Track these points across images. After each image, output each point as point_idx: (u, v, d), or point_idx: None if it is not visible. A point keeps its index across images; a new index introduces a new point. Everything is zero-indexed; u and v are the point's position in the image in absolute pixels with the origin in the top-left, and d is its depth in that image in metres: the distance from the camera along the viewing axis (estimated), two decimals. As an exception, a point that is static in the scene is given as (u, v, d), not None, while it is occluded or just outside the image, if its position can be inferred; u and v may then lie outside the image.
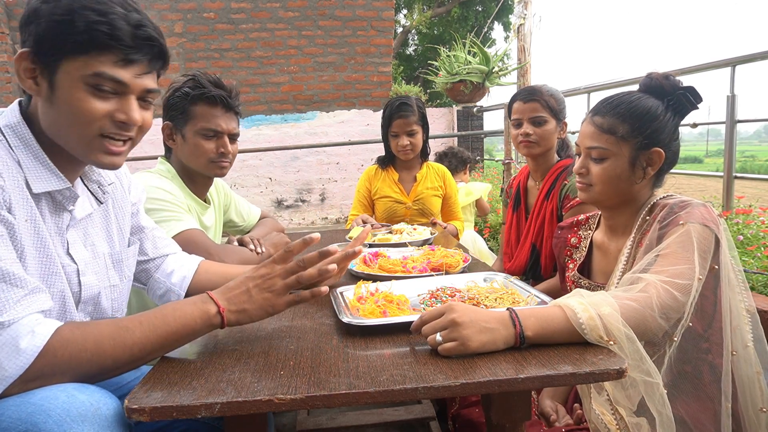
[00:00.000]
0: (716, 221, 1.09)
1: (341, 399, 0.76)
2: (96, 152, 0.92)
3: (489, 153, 11.55)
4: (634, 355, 0.91)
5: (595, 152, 1.22)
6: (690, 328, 1.07)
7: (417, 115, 2.37)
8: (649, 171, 1.21)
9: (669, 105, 1.20)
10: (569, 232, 1.45)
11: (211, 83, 1.59)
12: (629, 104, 1.20)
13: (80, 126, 0.88)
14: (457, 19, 13.19)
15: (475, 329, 0.86)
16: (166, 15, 6.62)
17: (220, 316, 0.91)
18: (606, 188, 1.22)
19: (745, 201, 2.76)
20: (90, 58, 0.86)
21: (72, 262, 0.96)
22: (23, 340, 0.76)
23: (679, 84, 1.20)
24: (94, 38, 0.85)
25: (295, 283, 0.94)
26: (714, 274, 1.08)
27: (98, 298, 1.01)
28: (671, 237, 1.08)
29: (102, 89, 0.88)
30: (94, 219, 1.04)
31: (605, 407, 1.08)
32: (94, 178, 1.05)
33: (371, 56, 7.06)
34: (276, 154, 6.67)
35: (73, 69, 0.85)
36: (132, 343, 0.84)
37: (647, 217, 1.20)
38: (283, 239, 1.79)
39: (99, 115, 0.88)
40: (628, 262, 1.19)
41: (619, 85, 3.37)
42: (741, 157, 23.47)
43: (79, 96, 0.87)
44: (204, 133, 1.59)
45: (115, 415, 0.77)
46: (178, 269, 1.25)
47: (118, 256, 1.08)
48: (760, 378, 1.08)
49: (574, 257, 1.41)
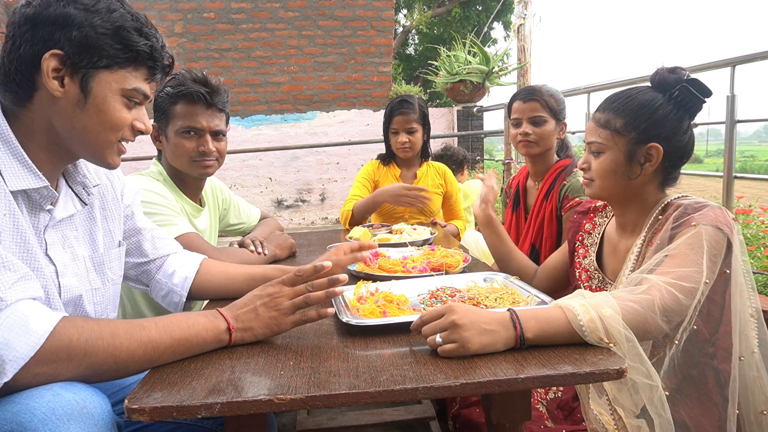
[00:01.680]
0: (730, 224, 1.08)
1: (341, 399, 0.76)
2: (112, 154, 0.98)
3: (489, 153, 11.55)
4: (634, 357, 0.90)
5: (593, 146, 1.24)
6: (696, 332, 1.06)
7: (417, 114, 2.37)
8: (647, 167, 1.19)
9: (671, 98, 1.18)
10: (584, 218, 1.44)
11: (192, 80, 1.54)
12: (626, 99, 1.20)
13: (109, 131, 0.95)
14: (458, 19, 13.19)
15: (475, 331, 0.86)
16: (166, 15, 6.62)
17: (228, 333, 0.93)
18: (604, 183, 1.23)
19: (745, 201, 2.76)
20: (128, 73, 0.94)
21: (50, 263, 0.94)
22: (32, 320, 0.75)
23: (683, 77, 1.17)
24: (137, 56, 0.94)
25: (303, 304, 0.97)
26: (725, 278, 1.07)
27: (80, 300, 1.00)
28: (681, 238, 1.06)
29: (132, 101, 0.97)
30: (76, 220, 1.03)
31: (604, 408, 1.08)
32: (79, 180, 1.04)
33: (371, 56, 7.06)
34: (276, 154, 6.67)
35: (112, 80, 0.93)
36: (147, 340, 0.84)
37: (660, 216, 1.19)
38: (288, 240, 1.78)
39: (126, 124, 0.96)
40: (637, 261, 1.18)
41: (619, 85, 3.36)
42: (741, 157, 23.49)
43: (116, 106, 0.94)
44: (184, 132, 1.55)
45: (102, 413, 0.76)
46: (179, 269, 1.25)
47: (99, 258, 1.06)
48: (761, 381, 1.08)
49: (586, 243, 1.39)
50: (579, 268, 1.38)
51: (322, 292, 0.97)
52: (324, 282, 0.98)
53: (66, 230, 1.00)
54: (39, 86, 0.89)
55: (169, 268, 1.24)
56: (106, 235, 1.10)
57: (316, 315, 0.98)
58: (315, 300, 0.97)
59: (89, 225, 1.07)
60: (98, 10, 0.90)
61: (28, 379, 0.74)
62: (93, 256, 1.05)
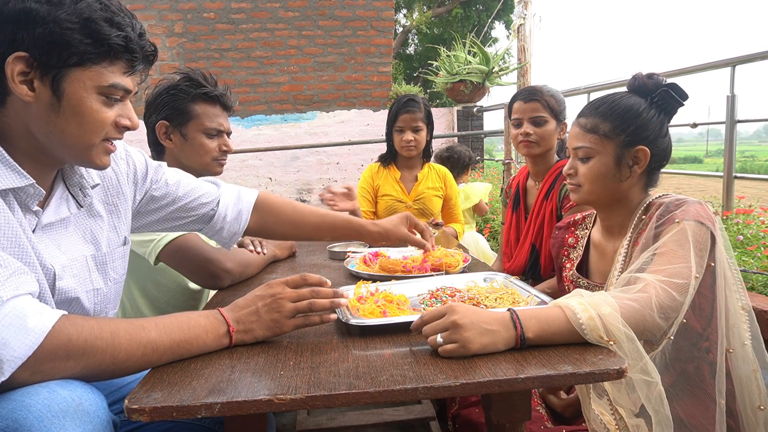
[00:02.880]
0: (711, 218, 1.10)
1: (341, 399, 0.76)
2: (99, 156, 0.92)
3: (489, 153, 11.56)
4: (634, 355, 0.91)
5: (581, 152, 1.25)
6: (689, 327, 1.07)
7: (423, 113, 2.38)
8: (635, 169, 1.22)
9: (653, 102, 1.22)
10: (566, 232, 1.46)
11: (204, 80, 1.61)
12: (611, 103, 1.23)
13: (91, 133, 0.88)
14: (458, 18, 13.20)
15: (476, 331, 0.86)
16: (166, 15, 6.62)
17: (229, 336, 0.93)
18: (593, 187, 1.24)
19: (745, 201, 2.76)
20: (102, 68, 0.86)
21: (42, 265, 0.89)
22: (31, 318, 0.73)
23: (662, 82, 1.22)
24: (110, 50, 0.85)
25: (307, 309, 0.97)
26: (710, 271, 1.09)
27: (77, 302, 0.96)
28: (667, 235, 1.08)
29: (112, 98, 0.89)
30: (71, 222, 0.98)
31: (604, 408, 1.08)
32: (76, 181, 0.99)
33: (371, 56, 7.06)
34: (276, 154, 6.67)
35: (86, 78, 0.85)
36: (147, 341, 0.84)
37: (643, 216, 1.21)
38: (288, 240, 1.79)
39: (109, 123, 0.90)
40: (625, 261, 1.19)
41: (619, 85, 3.36)
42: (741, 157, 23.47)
43: (94, 106, 0.87)
44: (208, 133, 1.61)
45: (97, 410, 0.75)
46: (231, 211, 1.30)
47: (103, 258, 1.03)
48: (757, 376, 1.08)
49: (572, 257, 1.41)
50: (566, 281, 1.40)
51: (327, 300, 0.98)
52: (329, 291, 0.99)
53: (59, 232, 0.95)
54: (10, 91, 0.83)
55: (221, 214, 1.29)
56: (111, 232, 1.06)
57: (318, 320, 0.98)
58: (319, 307, 0.97)
59: (90, 224, 1.02)
60: (62, 2, 0.81)
61: (26, 378, 0.74)
62: (96, 255, 1.01)
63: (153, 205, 1.20)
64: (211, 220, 1.29)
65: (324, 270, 1.59)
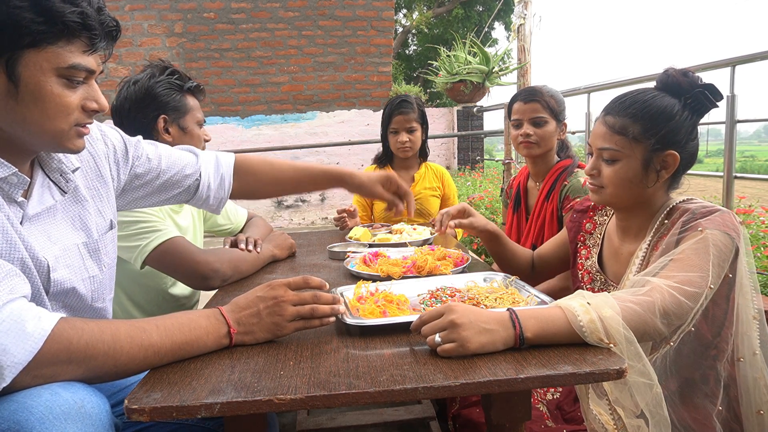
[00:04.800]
0: (737, 229, 1.06)
1: (341, 399, 0.76)
2: (71, 140, 0.88)
3: (489, 153, 11.56)
4: (633, 357, 0.90)
5: (607, 153, 1.17)
6: (699, 335, 1.06)
7: (417, 113, 2.38)
8: (663, 174, 1.15)
9: (686, 104, 1.13)
10: (584, 216, 1.42)
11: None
12: (643, 103, 1.14)
13: (55, 120, 0.83)
14: (459, 19, 13.20)
15: (474, 330, 0.86)
16: (166, 15, 6.63)
17: (229, 337, 0.93)
18: (618, 191, 1.18)
19: (746, 201, 2.76)
20: (59, 48, 0.80)
21: (33, 258, 0.86)
22: (29, 323, 0.73)
23: (698, 81, 1.13)
24: (65, 28, 0.79)
25: (308, 314, 0.97)
26: (727, 282, 1.06)
27: (73, 292, 0.94)
28: (688, 242, 1.05)
29: (74, 80, 0.83)
30: (58, 210, 0.94)
31: (603, 408, 1.08)
32: (55, 166, 0.94)
33: (371, 56, 7.06)
34: (276, 154, 6.67)
35: (42, 61, 0.79)
36: (148, 344, 0.83)
37: (665, 221, 1.16)
38: (287, 240, 1.77)
39: (74, 107, 0.85)
40: (642, 265, 1.16)
41: (618, 85, 3.36)
42: (741, 157, 23.46)
43: (54, 90, 0.81)
44: (200, 124, 1.67)
45: (99, 413, 0.75)
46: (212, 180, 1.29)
47: (95, 245, 0.99)
48: (764, 382, 1.08)
49: (588, 243, 1.38)
50: (581, 270, 1.38)
51: (328, 307, 0.98)
52: (330, 297, 0.99)
53: (47, 222, 0.91)
54: None
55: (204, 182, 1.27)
56: (98, 217, 1.02)
57: (318, 322, 0.98)
58: (321, 314, 0.97)
59: (77, 210, 0.98)
60: None
61: (27, 381, 0.73)
62: (88, 242, 0.98)
63: (137, 181, 1.17)
64: (197, 191, 1.27)
65: (324, 270, 1.58)
